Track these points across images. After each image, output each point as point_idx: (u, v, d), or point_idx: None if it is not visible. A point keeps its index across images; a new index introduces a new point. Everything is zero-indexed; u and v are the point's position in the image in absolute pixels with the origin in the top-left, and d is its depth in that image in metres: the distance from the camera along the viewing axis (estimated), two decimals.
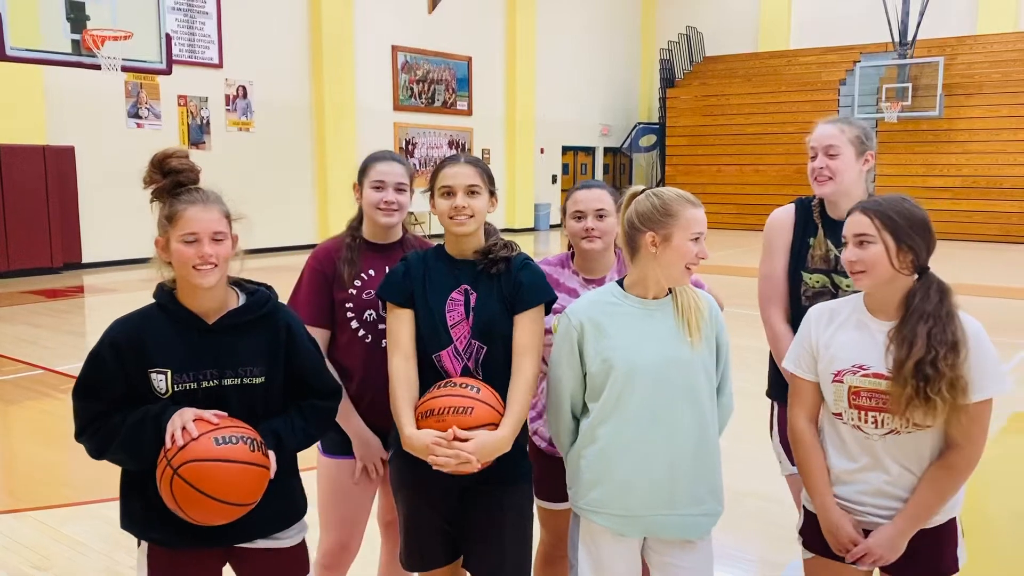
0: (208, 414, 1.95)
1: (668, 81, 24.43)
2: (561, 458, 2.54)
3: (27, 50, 8.43)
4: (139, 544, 2.11)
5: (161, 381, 1.99)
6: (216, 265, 1.98)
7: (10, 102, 12.59)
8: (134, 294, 12.25)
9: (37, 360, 7.48)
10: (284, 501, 2.13)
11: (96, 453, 2.03)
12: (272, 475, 1.99)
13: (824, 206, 2.74)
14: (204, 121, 15.44)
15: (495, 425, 2.14)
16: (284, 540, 2.15)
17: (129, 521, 2.08)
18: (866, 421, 2.08)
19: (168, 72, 9.89)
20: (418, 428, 2.14)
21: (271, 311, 2.11)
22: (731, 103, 22.82)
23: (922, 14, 18.96)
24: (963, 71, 20.00)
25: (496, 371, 2.26)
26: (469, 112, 20.66)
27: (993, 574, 3.55)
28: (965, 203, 19.12)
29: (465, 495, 2.28)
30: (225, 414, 1.98)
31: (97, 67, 8.92)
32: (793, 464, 2.70)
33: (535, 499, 2.52)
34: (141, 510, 2.03)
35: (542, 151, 22.83)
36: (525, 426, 2.34)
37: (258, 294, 2.13)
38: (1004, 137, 18.97)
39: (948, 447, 2.07)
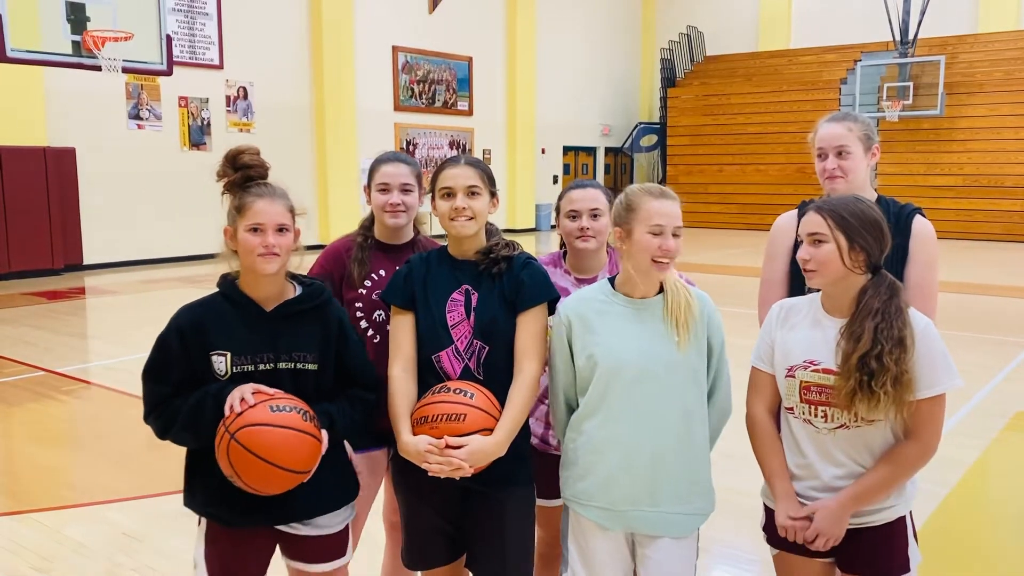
0: (267, 388, 2.08)
1: (669, 81, 24.43)
2: (554, 455, 2.54)
3: (27, 51, 8.43)
4: (199, 523, 2.25)
5: (221, 363, 2.13)
6: (278, 255, 2.12)
7: (11, 104, 12.60)
8: (135, 295, 12.31)
9: (38, 362, 7.48)
10: (334, 482, 2.25)
11: (161, 433, 2.16)
12: (324, 450, 2.10)
13: None
14: (205, 122, 15.45)
15: (490, 430, 2.14)
16: (330, 525, 2.26)
17: (190, 498, 2.22)
18: (816, 415, 2.13)
19: (169, 73, 9.90)
20: (414, 434, 2.16)
21: (325, 303, 2.26)
22: (732, 102, 22.82)
23: (923, 13, 18.95)
24: (964, 70, 19.99)
25: (498, 371, 2.26)
26: (470, 112, 20.66)
27: (995, 571, 3.54)
28: (967, 202, 19.11)
29: (466, 496, 2.28)
30: (281, 391, 2.11)
31: (98, 68, 8.93)
32: None
33: None
34: (202, 488, 2.17)
35: (543, 151, 22.83)
36: (526, 427, 2.34)
37: (314, 286, 2.26)
38: (1006, 136, 18.95)
39: (898, 441, 2.11)
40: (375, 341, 2.64)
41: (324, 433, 2.11)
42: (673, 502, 2.21)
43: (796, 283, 2.72)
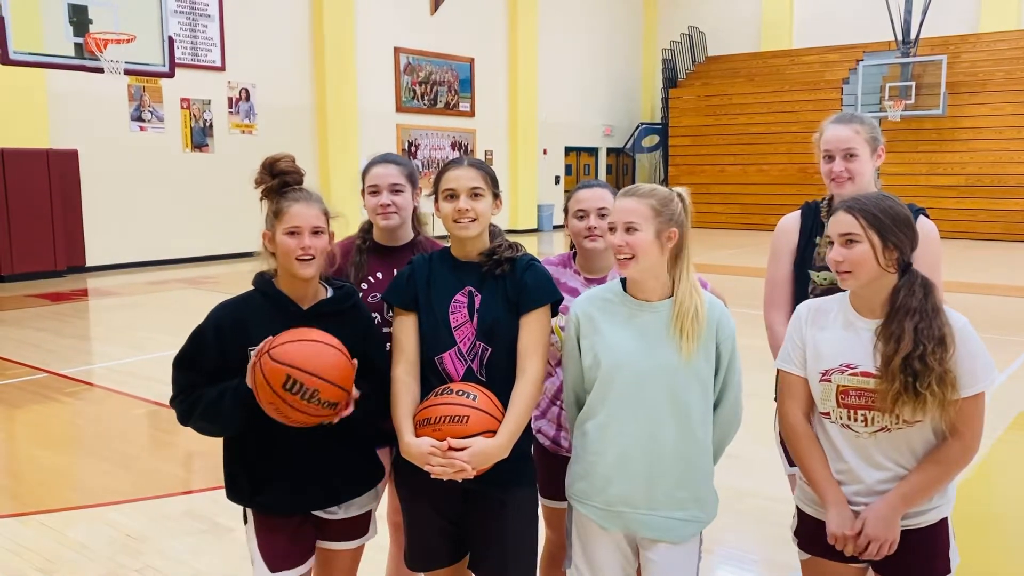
0: None
1: (671, 81, 24.42)
2: (565, 456, 2.54)
3: (30, 54, 8.45)
4: (245, 521, 2.34)
5: None
6: (314, 257, 2.22)
7: (13, 106, 12.63)
8: (138, 297, 12.33)
9: (41, 364, 7.49)
10: (365, 465, 2.38)
11: (182, 418, 2.25)
12: (354, 396, 2.17)
13: (831, 205, 2.74)
14: (207, 124, 15.46)
15: (492, 432, 2.14)
16: (360, 507, 2.38)
17: (234, 490, 2.30)
18: (855, 419, 2.08)
19: (171, 75, 9.92)
20: (416, 436, 2.16)
21: (355, 304, 2.36)
22: (734, 103, 22.81)
23: (925, 12, 18.93)
24: (966, 69, 19.96)
25: (501, 372, 2.26)
26: (472, 114, 20.67)
27: (999, 572, 3.53)
28: (969, 201, 19.09)
29: (468, 497, 2.28)
30: None
31: (100, 70, 8.95)
32: (791, 464, 2.70)
33: (540, 498, 2.52)
34: (246, 479, 2.25)
35: (545, 152, 22.83)
36: (529, 428, 2.34)
37: (344, 288, 2.37)
38: (1008, 135, 18.92)
39: (942, 440, 2.07)
40: None
41: (356, 392, 2.18)
42: (670, 507, 2.20)
43: (800, 284, 2.73)
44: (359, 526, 2.41)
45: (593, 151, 25.04)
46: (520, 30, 21.20)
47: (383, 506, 2.87)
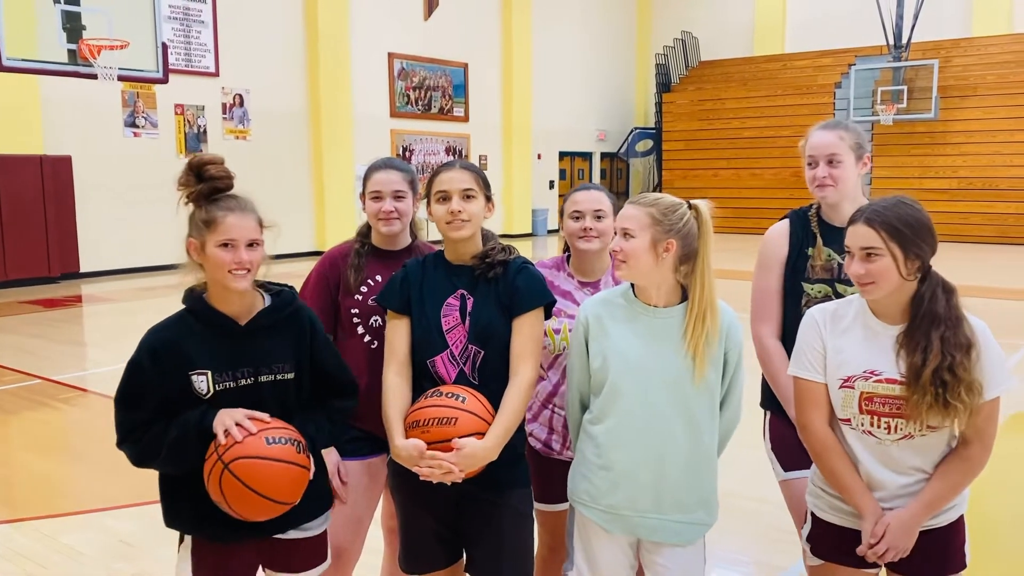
0: (260, 415, 2.04)
1: (664, 86, 24.48)
2: (557, 459, 2.55)
3: (23, 60, 8.43)
4: (181, 541, 2.18)
5: (203, 382, 2.07)
6: (250, 270, 2.08)
7: (7, 112, 12.60)
8: (132, 303, 12.29)
9: (35, 370, 7.47)
10: (314, 494, 2.21)
11: (137, 461, 2.11)
12: (311, 476, 2.09)
13: (820, 214, 2.72)
14: (201, 130, 15.45)
15: (482, 434, 2.14)
16: (311, 530, 2.25)
17: (176, 519, 2.15)
18: (879, 426, 2.06)
19: (164, 81, 9.90)
20: (406, 438, 2.16)
21: (296, 310, 2.22)
22: (727, 107, 22.87)
23: (916, 17, 19.02)
24: (958, 73, 20.06)
25: (493, 375, 2.26)
26: (466, 118, 20.69)
27: (994, 574, 3.55)
28: (961, 205, 19.15)
29: (462, 500, 2.29)
30: (277, 420, 2.07)
31: (93, 77, 8.93)
32: (786, 470, 2.69)
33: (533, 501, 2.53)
34: (188, 507, 2.10)
35: (539, 157, 22.86)
36: (522, 429, 2.35)
37: (283, 294, 2.22)
38: (1000, 139, 19.00)
39: (961, 444, 2.08)
40: (372, 347, 2.64)
41: (311, 461, 2.12)
42: (676, 510, 2.20)
43: (792, 296, 2.67)
44: (314, 551, 2.27)
45: (587, 156, 25.07)
46: (514, 35, 21.24)
47: (378, 511, 2.88)
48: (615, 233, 2.21)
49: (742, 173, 22.38)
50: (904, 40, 19.40)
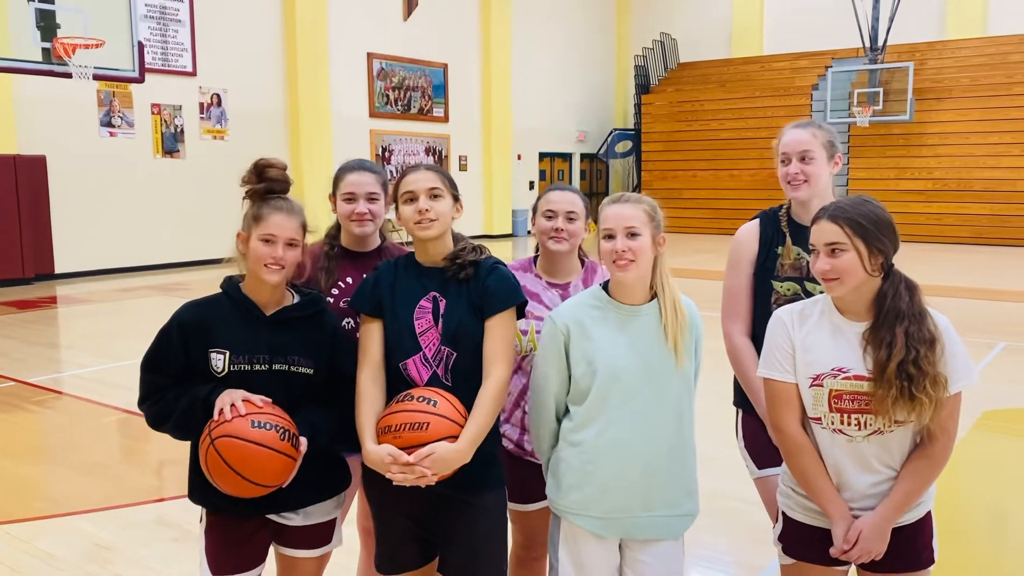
0: (256, 398, 2.16)
1: (643, 87, 24.58)
2: (529, 460, 2.55)
3: None
4: (201, 520, 2.35)
5: (219, 360, 2.22)
6: (284, 267, 2.24)
7: None
8: (108, 304, 12.14)
9: (9, 372, 7.38)
10: (324, 475, 2.35)
11: (152, 422, 2.27)
12: (299, 463, 2.18)
13: (791, 214, 2.75)
14: (178, 129, 15.33)
15: (455, 437, 2.15)
16: (320, 514, 2.36)
17: (192, 489, 2.31)
18: (849, 424, 2.09)
19: (141, 80, 9.81)
20: (378, 443, 2.17)
21: (320, 312, 2.36)
22: (705, 108, 23.00)
23: (892, 19, 19.22)
24: (933, 76, 20.29)
25: (466, 377, 2.26)
26: (446, 119, 20.67)
27: (965, 571, 3.59)
28: (936, 206, 19.38)
29: (437, 500, 2.28)
30: (270, 400, 2.18)
31: (68, 75, 8.83)
32: (759, 468, 2.72)
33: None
34: (202, 477, 2.22)
35: (519, 157, 22.88)
36: (496, 430, 2.35)
37: (311, 296, 2.38)
38: (973, 141, 19.24)
39: (925, 439, 2.10)
40: None
41: (304, 444, 2.18)
42: (665, 506, 2.24)
43: (761, 294, 2.70)
44: (321, 534, 2.38)
45: (567, 157, 25.13)
46: (494, 36, 21.24)
47: (353, 511, 2.87)
48: (610, 237, 2.20)
49: (721, 174, 22.51)
50: (880, 42, 19.61)
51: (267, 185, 2.29)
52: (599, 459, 2.21)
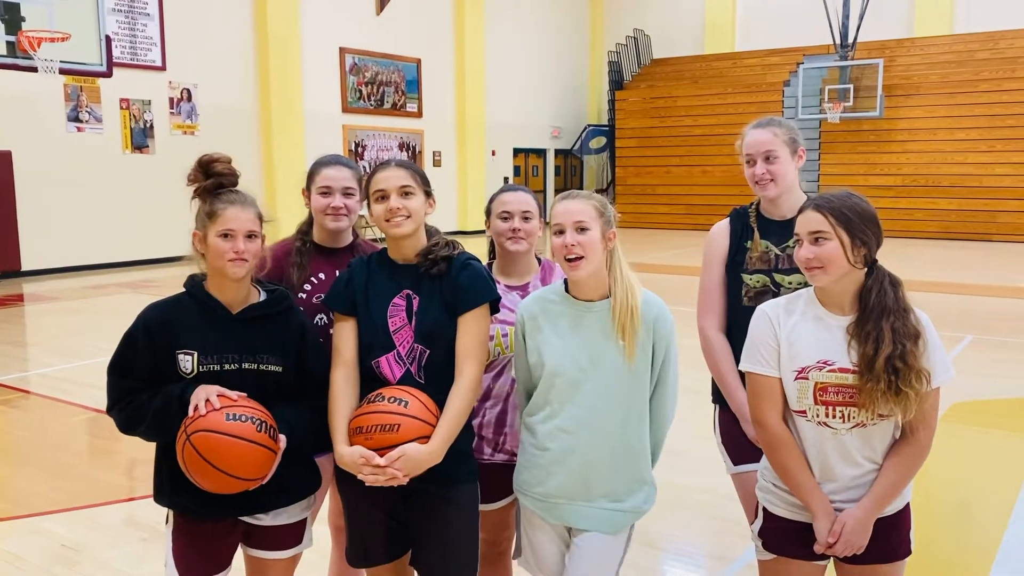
0: (231, 393, 2.15)
1: (617, 83, 24.63)
2: (487, 463, 2.55)
3: None
4: (167, 521, 2.31)
5: (187, 362, 2.19)
6: (247, 260, 2.20)
7: None
8: (76, 302, 11.98)
9: None
10: (297, 476, 2.32)
11: (124, 427, 2.23)
12: (279, 458, 2.17)
13: (760, 210, 2.79)
14: (147, 124, 15.14)
15: (426, 438, 2.15)
16: (291, 516, 2.34)
17: (159, 491, 2.28)
18: (833, 416, 2.11)
19: (108, 75, 9.69)
20: (350, 444, 2.16)
21: (287, 309, 2.33)
22: (679, 105, 23.09)
23: (862, 17, 19.41)
24: (902, 72, 20.52)
25: (439, 374, 2.26)
26: (419, 114, 20.59)
27: (936, 562, 3.64)
28: (906, 201, 19.61)
29: (410, 495, 2.28)
30: (245, 395, 2.16)
31: (34, 70, 8.70)
32: (736, 464, 2.74)
33: None
34: (169, 479, 2.22)
35: (493, 153, 22.84)
36: (469, 426, 2.36)
37: (277, 292, 2.35)
38: (941, 137, 19.49)
39: (907, 432, 2.13)
40: None
41: (283, 440, 2.17)
42: (606, 499, 2.27)
43: (733, 288, 2.75)
44: (291, 536, 2.36)
45: (541, 152, 25.13)
46: (467, 31, 21.18)
47: (324, 509, 2.85)
48: (560, 232, 2.22)
49: (694, 170, 22.62)
50: (850, 40, 19.79)
51: (215, 180, 2.24)
52: (544, 444, 2.28)
